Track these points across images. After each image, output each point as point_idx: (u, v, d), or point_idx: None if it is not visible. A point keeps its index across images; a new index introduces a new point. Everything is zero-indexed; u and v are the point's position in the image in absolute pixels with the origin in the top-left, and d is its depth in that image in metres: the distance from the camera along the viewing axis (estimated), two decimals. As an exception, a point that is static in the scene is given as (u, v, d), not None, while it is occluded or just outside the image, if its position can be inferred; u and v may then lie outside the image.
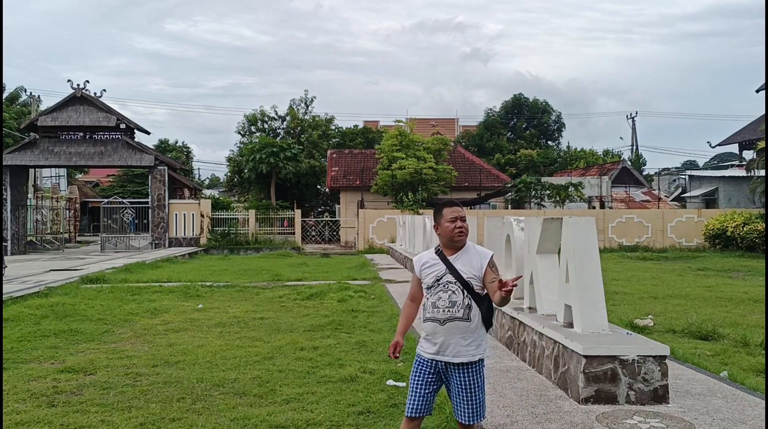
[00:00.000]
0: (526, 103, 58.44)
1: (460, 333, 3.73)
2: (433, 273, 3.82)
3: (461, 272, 3.76)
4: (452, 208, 3.88)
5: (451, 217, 3.84)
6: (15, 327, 9.29)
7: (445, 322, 3.74)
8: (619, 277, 16.39)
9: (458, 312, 3.74)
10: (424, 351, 3.84)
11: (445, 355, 3.76)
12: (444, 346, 3.75)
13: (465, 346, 3.74)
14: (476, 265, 3.78)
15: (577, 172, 46.36)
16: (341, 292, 12.53)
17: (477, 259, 3.79)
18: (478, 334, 3.79)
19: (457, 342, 3.73)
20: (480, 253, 3.83)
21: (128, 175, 49.12)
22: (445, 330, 3.73)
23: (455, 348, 3.73)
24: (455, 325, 3.73)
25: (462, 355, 3.74)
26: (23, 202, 29.59)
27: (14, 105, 43.87)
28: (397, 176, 31.96)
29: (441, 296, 3.77)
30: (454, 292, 3.75)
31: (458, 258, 3.81)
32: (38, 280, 15.76)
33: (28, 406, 5.57)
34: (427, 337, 3.81)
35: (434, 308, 3.77)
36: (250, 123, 48.06)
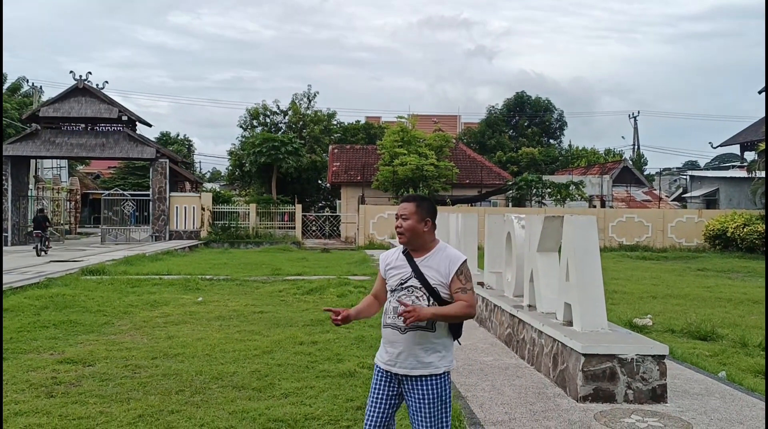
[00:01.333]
0: (529, 101, 58.36)
1: (423, 343, 3.32)
2: (398, 275, 3.42)
3: (428, 277, 3.34)
4: (400, 205, 3.48)
5: (396, 214, 3.49)
6: (14, 317, 9.30)
7: (406, 331, 3.31)
8: (619, 276, 16.39)
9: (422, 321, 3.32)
10: (381, 360, 3.43)
11: (403, 367, 3.33)
12: (403, 357, 3.33)
13: (427, 357, 3.32)
14: (443, 271, 3.36)
15: (579, 170, 46.33)
16: (341, 287, 12.54)
17: (445, 264, 3.37)
18: (443, 344, 3.37)
19: (418, 353, 3.31)
20: (450, 258, 3.39)
21: (129, 168, 49.09)
22: (406, 339, 3.31)
23: (415, 359, 3.32)
24: (418, 334, 3.31)
25: (423, 367, 3.32)
26: (24, 193, 29.59)
27: (16, 95, 43.83)
28: (399, 172, 31.94)
29: (404, 301, 3.35)
30: (419, 299, 3.34)
31: (426, 261, 3.39)
32: (38, 271, 15.77)
33: (27, 396, 5.58)
34: (386, 344, 3.40)
35: (396, 314, 3.34)
36: (252, 117, 48.03)
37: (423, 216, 3.40)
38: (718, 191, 39.26)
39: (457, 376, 6.16)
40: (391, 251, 3.57)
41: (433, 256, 3.41)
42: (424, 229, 3.40)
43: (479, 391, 5.65)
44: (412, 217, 3.39)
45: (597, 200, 37.52)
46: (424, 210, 3.42)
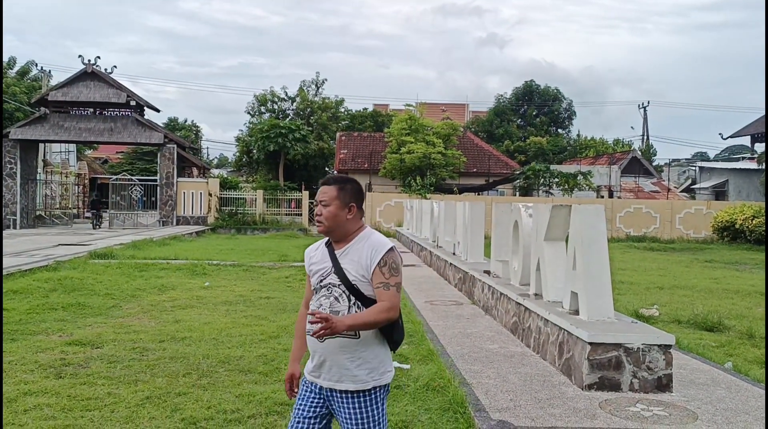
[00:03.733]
0: (537, 90, 58.07)
1: (345, 352, 2.84)
2: (319, 272, 2.95)
3: (347, 272, 2.87)
4: (320, 190, 3.01)
5: (315, 199, 3.01)
6: (24, 299, 9.38)
7: (324, 338, 2.82)
8: (626, 266, 16.36)
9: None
10: (307, 370, 2.99)
11: (327, 380, 2.89)
12: (326, 367, 2.88)
13: (353, 369, 2.85)
14: (364, 263, 2.86)
15: (587, 160, 46.14)
16: (347, 274, 12.55)
17: (367, 254, 2.87)
18: (372, 353, 2.88)
19: (342, 363, 2.85)
20: (374, 246, 2.89)
21: (137, 153, 49.22)
22: (325, 347, 2.85)
23: (339, 371, 2.86)
24: (338, 342, 2.83)
25: (348, 381, 2.86)
26: (33, 177, 29.72)
27: (25, 79, 43.90)
28: (406, 160, 31.91)
29: (322, 302, 2.91)
30: (338, 299, 2.89)
31: (346, 252, 2.91)
32: (47, 253, 15.87)
33: (36, 377, 5.64)
34: (311, 352, 2.96)
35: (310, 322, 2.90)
36: (260, 103, 48.00)
37: (346, 201, 2.93)
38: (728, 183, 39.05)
39: (462, 363, 6.17)
40: (315, 245, 3.09)
41: (354, 245, 2.92)
42: (347, 217, 2.93)
43: (484, 378, 5.66)
44: (333, 203, 2.92)
45: (605, 190, 37.40)
46: (348, 194, 2.95)
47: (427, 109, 38.58)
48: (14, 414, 4.71)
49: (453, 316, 8.88)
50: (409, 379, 5.62)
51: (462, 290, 10.99)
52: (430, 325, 8.08)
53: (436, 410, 4.87)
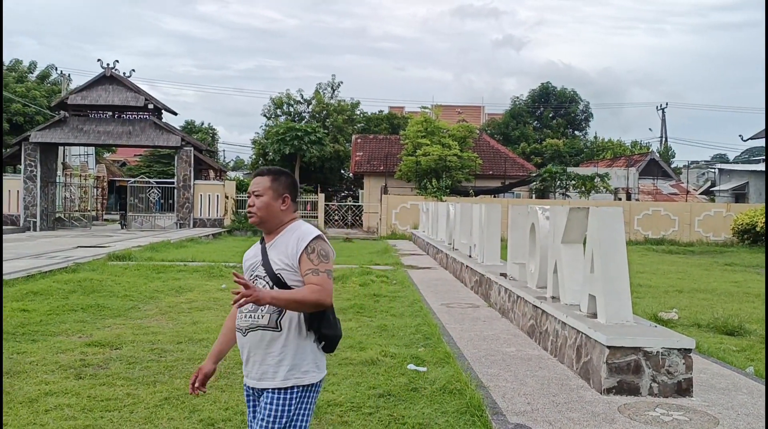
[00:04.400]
0: (554, 92, 57.78)
1: (266, 347, 2.75)
2: (250, 266, 2.91)
3: (272, 262, 2.79)
4: (253, 181, 2.96)
5: (249, 190, 2.93)
6: (44, 300, 9.48)
7: (247, 332, 2.78)
8: (644, 269, 16.21)
9: (261, 318, 2.76)
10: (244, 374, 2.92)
11: (251, 378, 2.81)
12: (250, 365, 2.80)
13: (273, 365, 2.75)
14: (290, 252, 2.78)
15: (604, 162, 45.82)
16: (363, 276, 12.57)
17: (293, 244, 2.79)
18: (296, 350, 2.75)
19: (263, 359, 2.76)
20: (299, 236, 2.81)
21: (155, 155, 49.64)
22: (248, 342, 2.78)
23: (261, 367, 2.77)
24: (259, 335, 2.75)
25: (268, 378, 2.76)
26: (52, 179, 30.07)
27: (45, 83, 44.48)
28: (422, 163, 31.88)
29: None
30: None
31: (274, 244, 2.86)
32: (66, 255, 16.05)
33: (57, 378, 5.70)
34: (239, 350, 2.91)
35: (239, 313, 2.82)
36: (275, 106, 48.23)
37: (280, 192, 2.88)
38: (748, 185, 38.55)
39: (479, 366, 6.16)
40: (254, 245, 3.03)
41: (282, 237, 2.86)
42: (281, 208, 2.87)
43: (501, 381, 5.64)
44: (266, 194, 2.86)
45: (622, 193, 37.10)
46: (282, 185, 2.89)
47: (443, 112, 38.52)
48: (35, 414, 4.77)
49: (469, 318, 8.85)
50: (426, 382, 5.61)
51: (478, 293, 10.96)
52: (446, 328, 8.07)
53: (452, 413, 4.86)
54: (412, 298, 10.38)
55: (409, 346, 6.98)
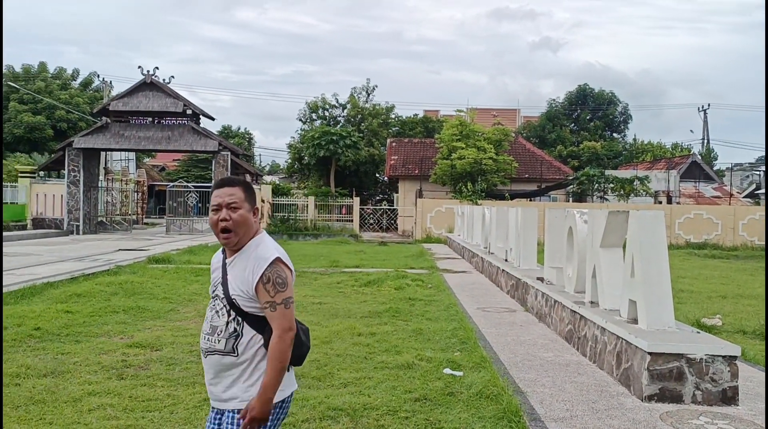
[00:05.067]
0: (591, 94, 56.96)
1: (226, 370, 2.63)
2: (213, 281, 2.77)
3: (229, 285, 2.63)
4: (220, 190, 2.66)
5: (213, 204, 2.66)
6: (87, 302, 9.70)
7: (206, 354, 2.68)
8: (686, 274, 15.85)
9: (218, 341, 2.63)
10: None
11: (214, 399, 2.71)
12: (213, 386, 2.70)
13: (235, 386, 2.63)
14: (247, 279, 2.59)
15: (644, 165, 44.98)
16: (398, 280, 12.56)
17: (250, 268, 2.60)
18: (257, 373, 2.62)
19: (223, 381, 2.65)
20: (256, 259, 2.61)
21: (193, 160, 50.50)
22: (208, 363, 2.68)
23: (222, 389, 2.66)
24: (216, 359, 2.64)
25: (229, 399, 2.65)
26: (95, 184, 30.80)
27: (88, 90, 45.65)
28: (457, 166, 31.75)
29: (208, 315, 2.71)
30: (218, 312, 2.66)
31: (234, 262, 2.67)
32: (108, 258, 16.42)
33: (100, 378, 5.82)
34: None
35: (202, 333, 2.73)
36: (311, 110, 48.58)
37: (253, 203, 2.69)
38: (794, 188, 37.40)
39: (516, 371, 6.09)
40: (217, 253, 2.86)
41: (242, 254, 2.66)
42: (253, 220, 2.68)
43: (539, 387, 5.57)
44: (243, 206, 2.64)
45: (663, 196, 36.38)
46: (253, 196, 2.71)
47: (478, 115, 38.31)
48: (79, 413, 4.87)
49: (506, 323, 8.77)
50: (462, 387, 5.57)
51: (514, 297, 10.85)
52: (482, 332, 8.01)
53: (490, 418, 4.81)
54: (447, 302, 10.33)
55: (445, 350, 6.95)
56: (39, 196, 30.03)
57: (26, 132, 40.29)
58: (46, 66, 44.95)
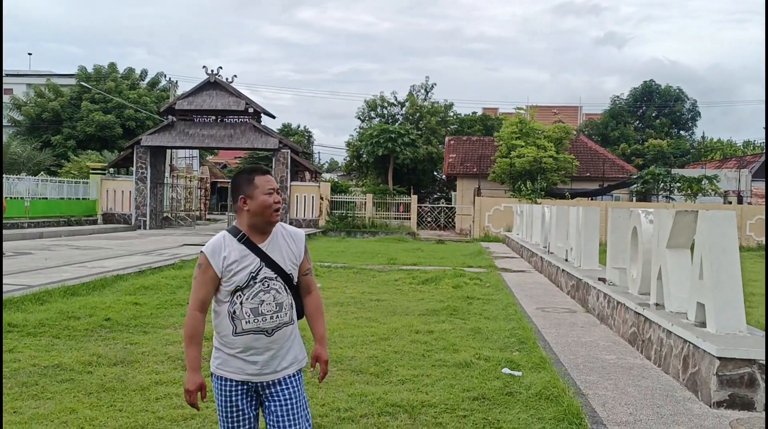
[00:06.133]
0: (657, 91, 55.27)
1: (286, 340, 2.97)
2: (246, 268, 2.89)
3: (281, 264, 2.94)
4: (266, 177, 2.96)
5: (268, 188, 2.93)
6: (154, 295, 10.04)
7: (273, 332, 2.92)
8: (758, 277, 15.19)
9: (285, 316, 2.96)
10: (236, 372, 2.94)
11: (268, 374, 2.94)
12: (269, 361, 2.93)
13: (291, 353, 2.99)
14: (295, 252, 3.00)
15: (713, 164, 43.34)
16: (456, 278, 12.50)
17: (292, 244, 3.00)
18: (298, 337, 3.05)
19: (284, 352, 2.97)
20: (293, 235, 3.04)
21: (254, 158, 51.49)
22: (272, 341, 2.92)
23: (281, 360, 2.96)
24: (283, 332, 2.95)
25: (290, 366, 2.99)
26: (161, 181, 31.83)
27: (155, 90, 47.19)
28: (516, 164, 31.36)
29: (263, 298, 2.91)
30: (279, 291, 2.93)
31: (271, 245, 2.95)
32: (173, 253, 16.95)
33: (166, 368, 6.02)
34: (241, 354, 2.92)
35: (257, 316, 2.89)
36: (369, 108, 48.85)
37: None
38: None
39: (577, 373, 5.98)
40: (217, 244, 2.95)
41: (275, 237, 2.97)
42: None
43: (601, 390, 5.45)
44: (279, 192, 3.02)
45: (733, 196, 34.96)
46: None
47: (538, 112, 37.74)
48: (147, 401, 5.06)
49: (566, 324, 8.62)
50: (521, 387, 5.50)
51: (575, 297, 10.65)
52: (542, 333, 7.89)
53: (549, 420, 4.74)
54: (506, 302, 10.22)
55: (503, 350, 6.88)
56: (109, 192, 31.25)
57: (97, 130, 41.96)
58: (116, 66, 46.69)
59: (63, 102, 43.44)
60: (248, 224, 2.95)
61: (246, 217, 2.94)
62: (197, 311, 2.95)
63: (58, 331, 7.35)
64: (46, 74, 56.07)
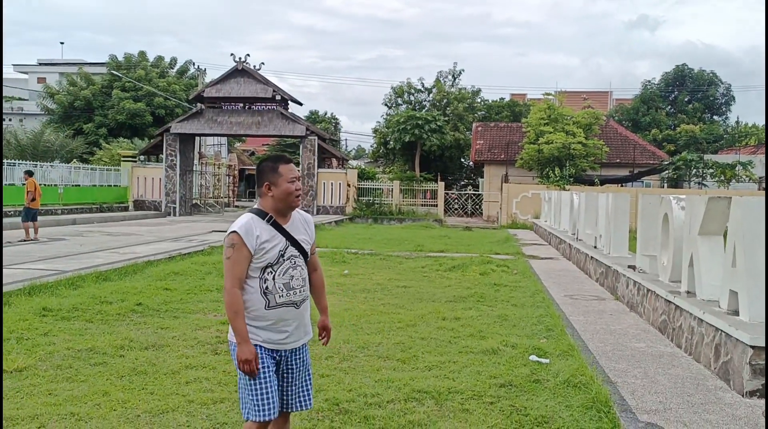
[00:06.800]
0: (690, 75, 54.08)
1: (307, 311, 3.39)
2: (276, 247, 3.23)
3: (303, 243, 3.33)
4: (290, 166, 3.31)
5: (291, 176, 3.28)
6: (183, 280, 10.19)
7: (300, 304, 3.31)
8: (792, 265, 14.87)
9: (308, 290, 3.39)
10: (269, 342, 3.25)
11: (295, 340, 3.32)
12: (295, 331, 3.32)
13: (309, 324, 3.42)
14: (309, 233, 3.41)
15: (747, 149, 42.38)
16: (483, 265, 12.46)
17: (307, 227, 3.41)
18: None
19: (306, 322, 3.38)
20: (305, 219, 3.43)
21: (281, 145, 51.79)
22: (300, 312, 3.31)
23: (304, 329, 3.37)
24: (306, 305, 3.37)
25: (307, 335, 3.40)
26: (190, 168, 32.18)
27: (184, 78, 47.61)
28: (544, 151, 31.02)
29: (293, 274, 3.27)
30: (303, 268, 3.33)
31: (293, 226, 3.33)
32: (202, 239, 17.15)
33: (196, 352, 6.12)
34: (273, 326, 3.24)
35: (288, 290, 3.25)
36: (396, 95, 48.67)
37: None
38: None
39: (605, 361, 5.93)
40: (249, 225, 3.21)
41: (294, 219, 3.35)
42: None
43: (630, 378, 5.40)
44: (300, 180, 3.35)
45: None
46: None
47: (567, 98, 37.20)
48: (178, 385, 5.14)
49: (594, 311, 8.54)
50: (549, 374, 5.48)
51: (604, 285, 10.54)
52: (570, 320, 7.83)
53: (577, 407, 4.71)
54: (533, 289, 10.16)
55: (530, 337, 6.85)
56: (139, 180, 31.72)
57: (128, 118, 42.53)
58: (146, 55, 47.16)
59: (94, 90, 44.08)
60: (272, 208, 3.27)
61: (270, 202, 3.27)
62: (236, 288, 3.17)
63: (91, 316, 7.51)
64: (77, 63, 56.94)
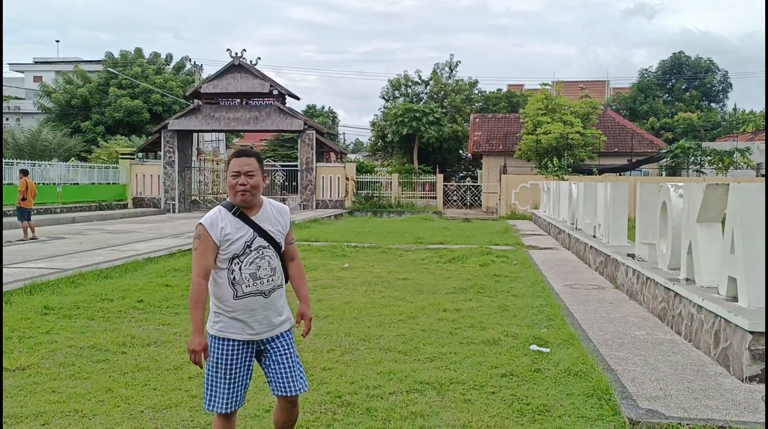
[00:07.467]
0: (687, 62, 53.99)
1: (279, 299, 3.44)
2: (241, 238, 3.29)
3: (272, 234, 3.38)
4: (241, 160, 3.31)
5: (234, 170, 3.29)
6: (184, 277, 10.20)
7: (269, 294, 3.37)
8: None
9: (278, 279, 3.42)
10: (238, 333, 3.33)
11: (267, 332, 3.39)
12: (267, 321, 3.38)
13: (284, 312, 3.46)
14: (282, 224, 3.45)
15: (745, 136, 42.36)
16: (483, 256, 12.48)
17: (280, 217, 3.46)
18: (285, 296, 3.53)
19: (278, 311, 3.42)
20: (280, 210, 3.49)
21: (279, 140, 51.80)
22: (269, 302, 3.37)
23: (275, 318, 3.41)
24: (277, 294, 3.42)
25: (284, 324, 3.45)
26: (188, 164, 32.16)
27: (180, 74, 47.52)
28: (542, 141, 31.04)
29: (260, 264, 3.33)
30: (272, 258, 3.37)
31: (263, 217, 3.38)
32: (202, 235, 17.15)
33: (197, 347, 6.13)
34: (242, 315, 3.31)
35: (255, 280, 3.31)
36: (393, 88, 48.63)
37: (263, 172, 3.40)
38: None
39: (605, 349, 5.95)
40: (214, 217, 3.32)
41: (265, 211, 3.40)
42: (262, 186, 3.40)
43: (630, 366, 5.43)
44: (257, 174, 3.34)
45: (766, 169, 34.16)
46: (263, 167, 3.43)
47: (565, 88, 37.20)
48: (180, 380, 5.17)
49: (594, 300, 8.57)
50: (549, 363, 5.50)
51: (603, 274, 10.57)
52: (570, 310, 7.86)
53: (578, 395, 4.74)
54: (533, 279, 10.19)
55: (531, 327, 6.87)
56: (138, 177, 31.71)
57: (125, 115, 42.46)
58: (142, 51, 47.03)
59: (91, 88, 43.98)
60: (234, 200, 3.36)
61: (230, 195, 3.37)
62: (201, 278, 3.26)
63: (92, 313, 7.53)
64: (74, 61, 56.83)
